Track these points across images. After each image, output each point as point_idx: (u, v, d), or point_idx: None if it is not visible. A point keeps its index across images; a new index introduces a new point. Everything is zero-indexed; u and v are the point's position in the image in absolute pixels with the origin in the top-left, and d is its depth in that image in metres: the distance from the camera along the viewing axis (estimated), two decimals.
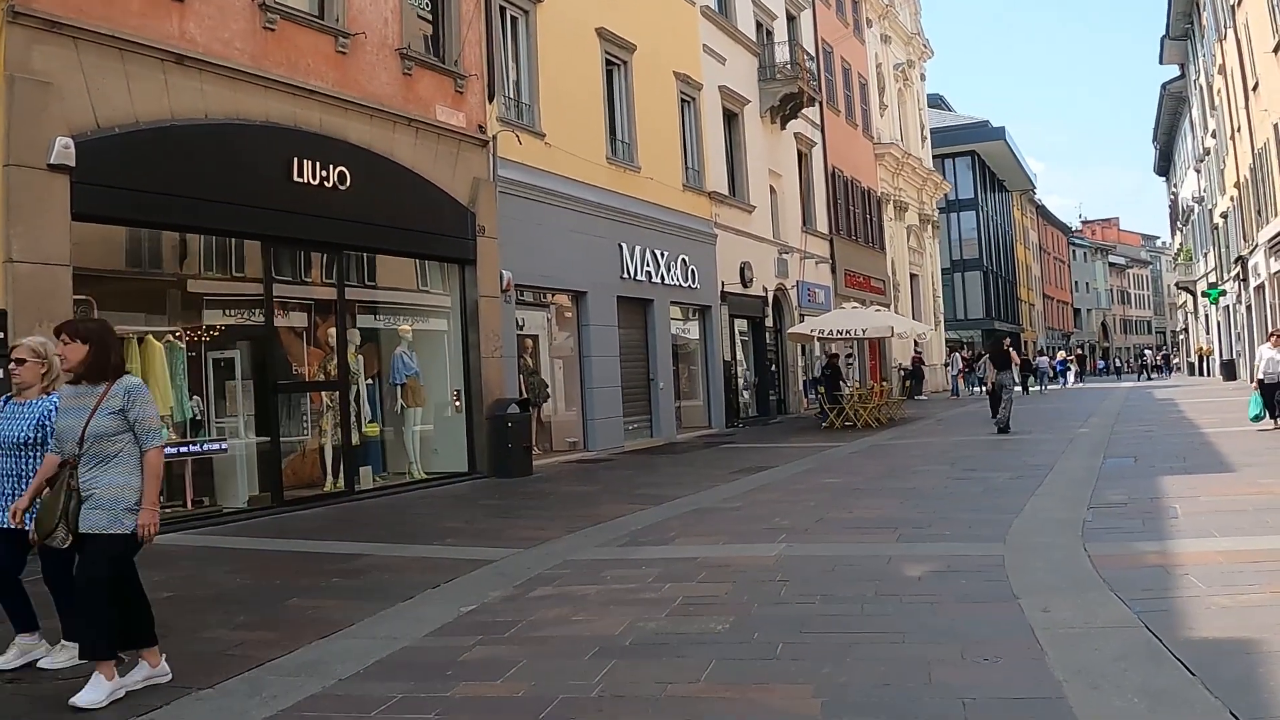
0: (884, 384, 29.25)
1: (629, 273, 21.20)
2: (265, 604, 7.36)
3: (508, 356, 16.94)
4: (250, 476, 12.90)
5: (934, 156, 55.45)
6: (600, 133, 20.68)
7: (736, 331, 27.45)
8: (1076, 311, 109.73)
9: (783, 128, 31.43)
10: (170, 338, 12.33)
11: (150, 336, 12.12)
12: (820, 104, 34.62)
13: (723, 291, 25.92)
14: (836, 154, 36.71)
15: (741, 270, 27.20)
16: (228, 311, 13.58)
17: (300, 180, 12.89)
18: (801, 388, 30.86)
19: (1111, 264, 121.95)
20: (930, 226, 52.04)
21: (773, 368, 29.86)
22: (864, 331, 25.35)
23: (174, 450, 11.79)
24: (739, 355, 27.71)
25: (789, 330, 28.44)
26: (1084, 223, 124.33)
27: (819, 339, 26.79)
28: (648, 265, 21.95)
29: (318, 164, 13.12)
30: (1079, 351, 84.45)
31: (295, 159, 12.82)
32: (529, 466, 16.20)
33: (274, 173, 12.60)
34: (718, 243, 25.67)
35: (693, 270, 24.05)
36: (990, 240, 73.10)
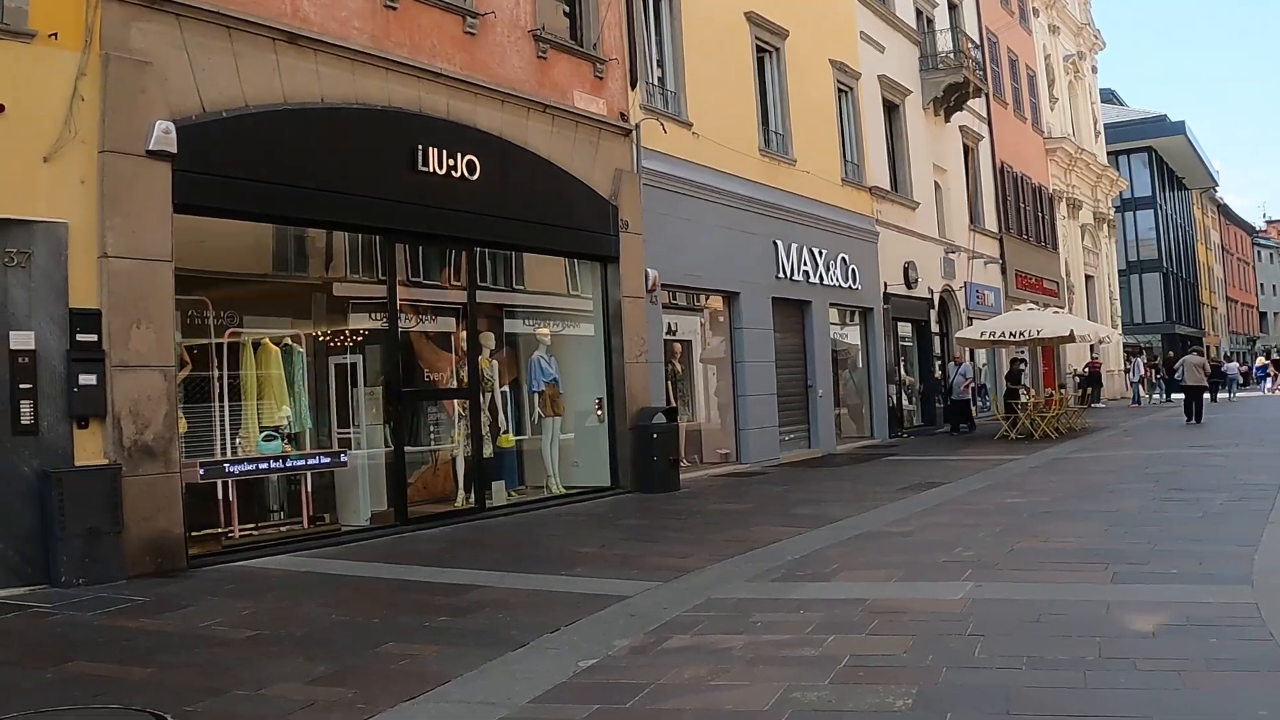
0: (1062, 391, 27.04)
1: (785, 272, 19.76)
2: (354, 648, 6.23)
3: (654, 362, 15.71)
4: (375, 491, 11.94)
5: (1108, 153, 52.31)
6: (752, 123, 19.31)
7: (899, 335, 25.73)
8: (1263, 315, 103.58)
9: (947, 120, 29.51)
10: (289, 340, 11.47)
11: (267, 340, 11.28)
12: (986, 95, 32.48)
13: (885, 293, 24.25)
14: (1005, 148, 34.52)
15: (905, 270, 25.46)
16: (352, 314, 12.72)
17: (425, 169, 11.88)
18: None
19: None
20: (1106, 226, 49.07)
21: (938, 375, 27.97)
22: (1039, 333, 23.30)
23: (291, 463, 10.89)
24: (902, 361, 25.98)
25: (957, 334, 26.53)
26: (1268, 222, 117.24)
27: (991, 341, 24.77)
28: (805, 264, 20.47)
29: (444, 152, 12.10)
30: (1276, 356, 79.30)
31: (420, 146, 11.81)
32: (676, 481, 14.93)
33: (397, 161, 11.62)
34: (879, 241, 24.03)
35: (853, 270, 22.46)
36: (1170, 240, 69.07)
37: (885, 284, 24.28)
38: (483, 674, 5.59)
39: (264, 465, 10.63)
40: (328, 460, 11.29)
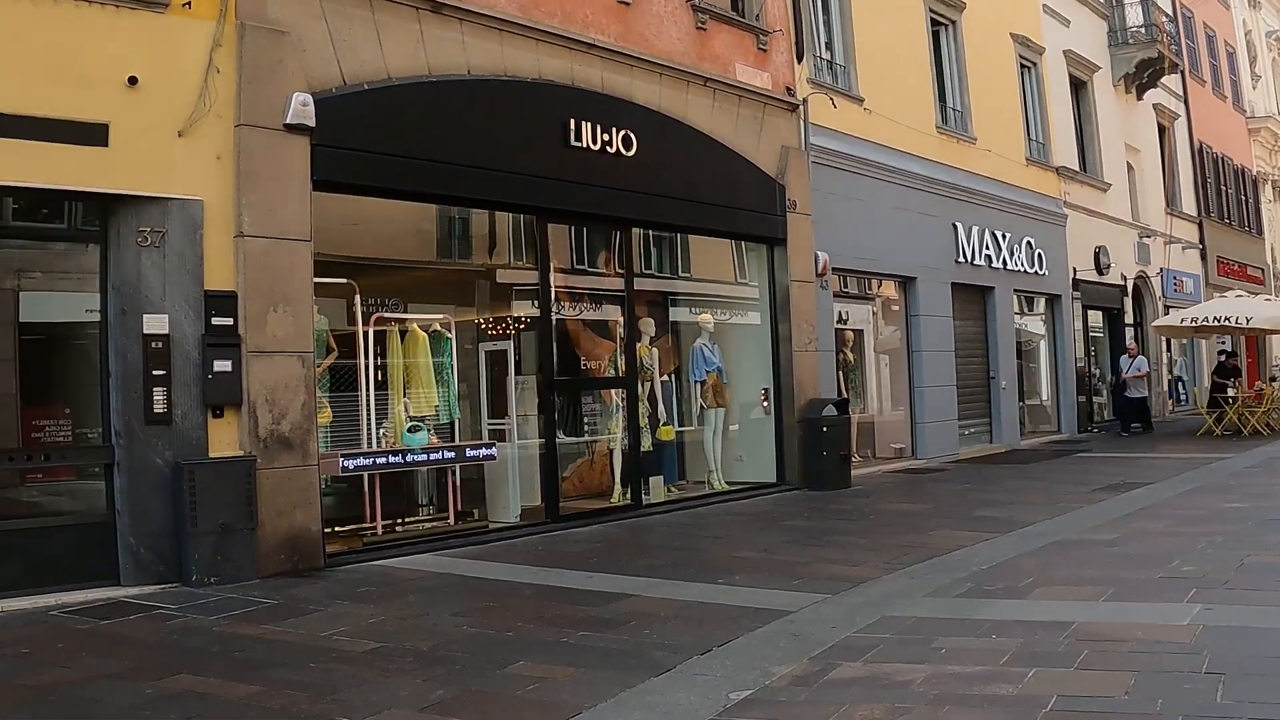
0: (1273, 384, 24.85)
1: (965, 256, 18.47)
2: (480, 668, 5.54)
3: (824, 350, 14.73)
4: (526, 486, 11.34)
5: None
6: (928, 99, 18.08)
7: (1089, 325, 24.02)
8: None
9: (1139, 98, 27.46)
10: (438, 327, 10.94)
11: (415, 327, 10.78)
12: (1182, 72, 30.18)
13: (1074, 279, 22.63)
14: (1203, 127, 32.06)
15: (1096, 255, 23.71)
16: (511, 300, 12.20)
17: (579, 145, 11.19)
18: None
19: None
20: None
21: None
22: (1249, 321, 21.32)
23: (438, 456, 10.35)
24: (1093, 352, 24.26)
25: (1154, 322, 24.65)
26: None
27: (1194, 329, 22.73)
28: (987, 248, 19.11)
29: (599, 127, 11.39)
30: None
31: (573, 121, 11.12)
32: (847, 478, 13.94)
33: (548, 136, 10.95)
34: (1068, 224, 22.42)
35: (1039, 254, 20.94)
36: None
37: (1074, 270, 22.66)
38: (619, 705, 4.82)
39: (409, 458, 10.10)
40: (477, 453, 10.68)
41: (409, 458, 10.10)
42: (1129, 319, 25.79)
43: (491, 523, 10.85)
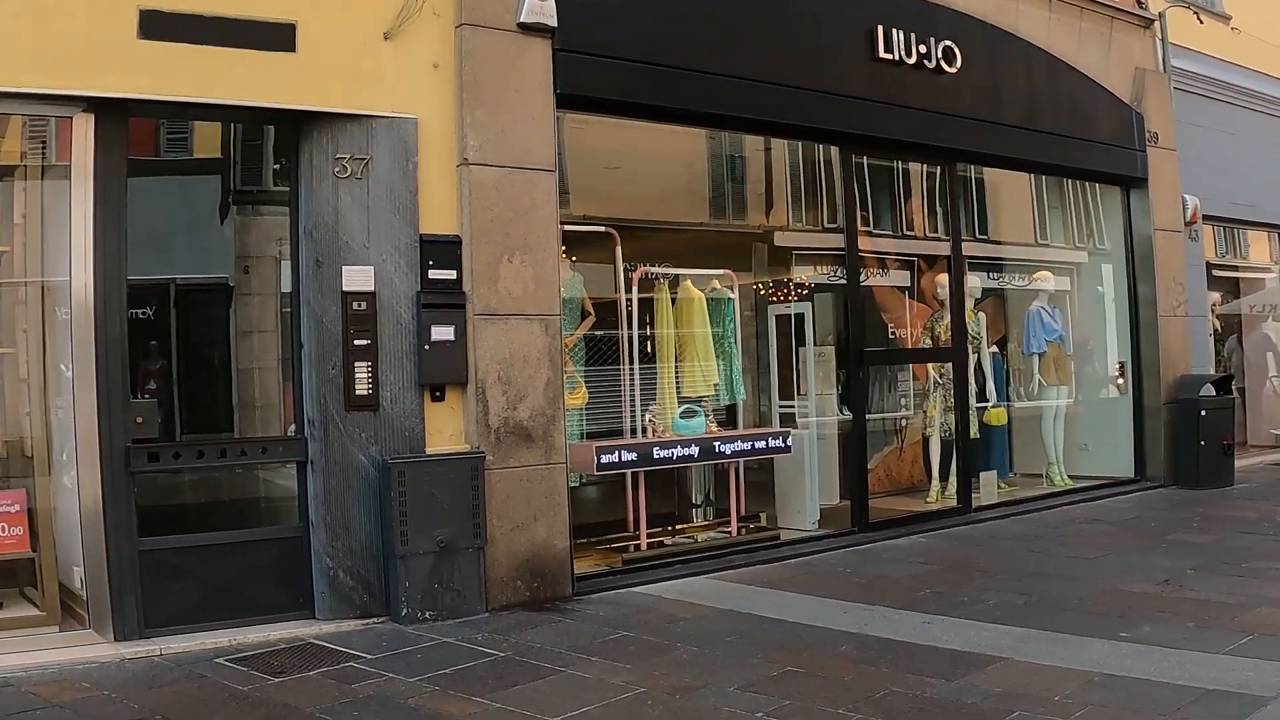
0: None
1: None
2: None
3: (1195, 315, 11.77)
4: (824, 483, 9.10)
5: None
6: None
7: None
8: None
9: None
10: (717, 285, 8.82)
11: (689, 284, 8.66)
12: None
13: None
14: None
15: None
16: (796, 262, 10.02)
17: (888, 57, 8.79)
18: None
19: None
20: None
21: None
22: None
23: (722, 447, 8.19)
24: None
25: None
26: None
27: None
28: None
29: (913, 36, 8.91)
30: None
31: (880, 28, 8.72)
32: (1230, 473, 11.00)
33: (850, 46, 8.59)
34: None
35: None
36: None
37: None
38: None
39: (683, 451, 7.95)
40: (769, 443, 8.46)
41: (683, 451, 7.97)
42: None
43: (783, 529, 8.64)
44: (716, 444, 8.06)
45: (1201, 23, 12.28)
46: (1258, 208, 13.26)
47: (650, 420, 8.14)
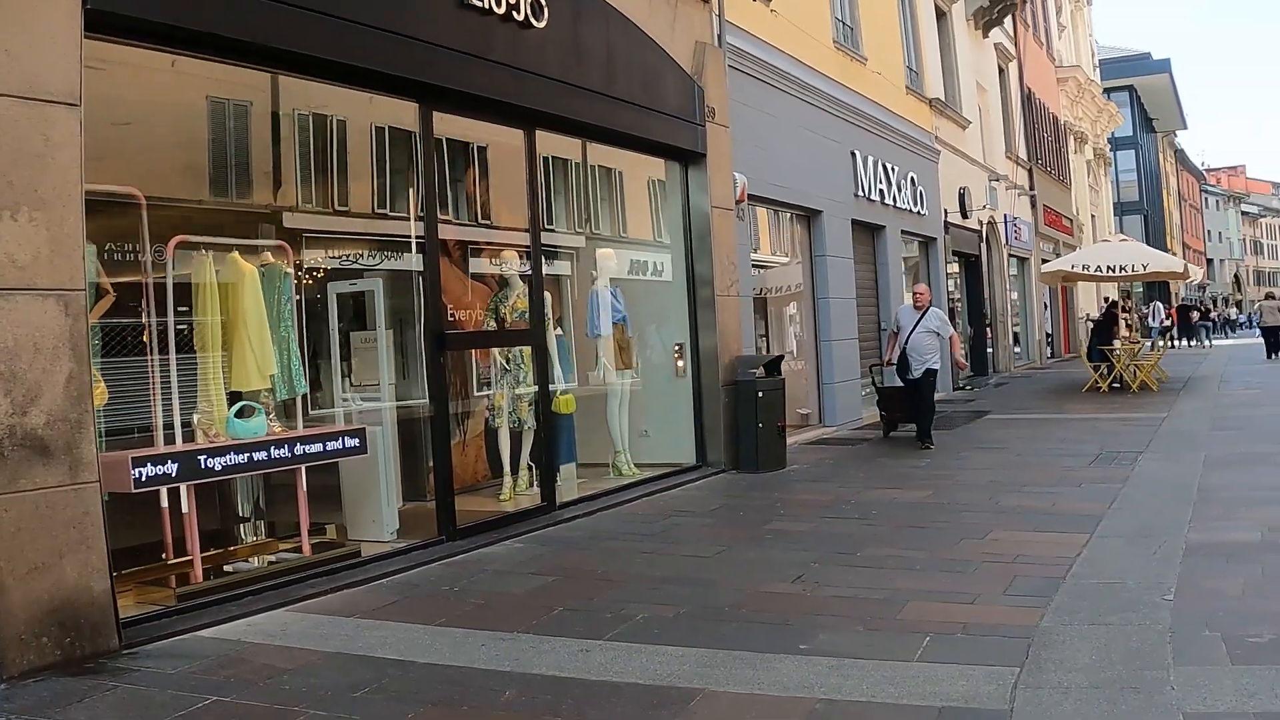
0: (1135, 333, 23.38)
1: (863, 189, 15.84)
2: None
3: (745, 295, 11.76)
4: (403, 487, 7.94)
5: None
6: (824, 9, 15.32)
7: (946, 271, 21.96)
8: (1210, 262, 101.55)
9: (985, 35, 25.60)
10: (269, 256, 7.35)
11: (238, 255, 7.09)
12: (1014, 15, 28.51)
13: (945, 221, 20.42)
14: (1030, 73, 30.63)
15: (961, 197, 21.65)
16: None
17: (477, 4, 7.80)
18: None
19: (1244, 212, 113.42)
20: (1102, 163, 45.69)
21: (987, 319, 24.18)
22: (1145, 267, 19.42)
23: (286, 451, 6.77)
24: (955, 301, 22.21)
25: (1043, 269, 22.75)
26: (1208, 170, 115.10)
27: (1089, 276, 20.48)
28: (880, 181, 16.55)
29: None
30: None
31: None
32: (783, 456, 11.07)
33: None
34: (939, 162, 20.19)
35: (920, 192, 18.59)
36: (1147, 183, 66.15)
37: (945, 211, 20.47)
38: None
39: (240, 458, 6.44)
40: (345, 444, 7.14)
41: (241, 458, 6.47)
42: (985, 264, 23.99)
43: (359, 542, 7.36)
44: (285, 447, 6.65)
45: (753, 1, 12.42)
46: (789, 188, 13.51)
47: (197, 420, 6.57)
